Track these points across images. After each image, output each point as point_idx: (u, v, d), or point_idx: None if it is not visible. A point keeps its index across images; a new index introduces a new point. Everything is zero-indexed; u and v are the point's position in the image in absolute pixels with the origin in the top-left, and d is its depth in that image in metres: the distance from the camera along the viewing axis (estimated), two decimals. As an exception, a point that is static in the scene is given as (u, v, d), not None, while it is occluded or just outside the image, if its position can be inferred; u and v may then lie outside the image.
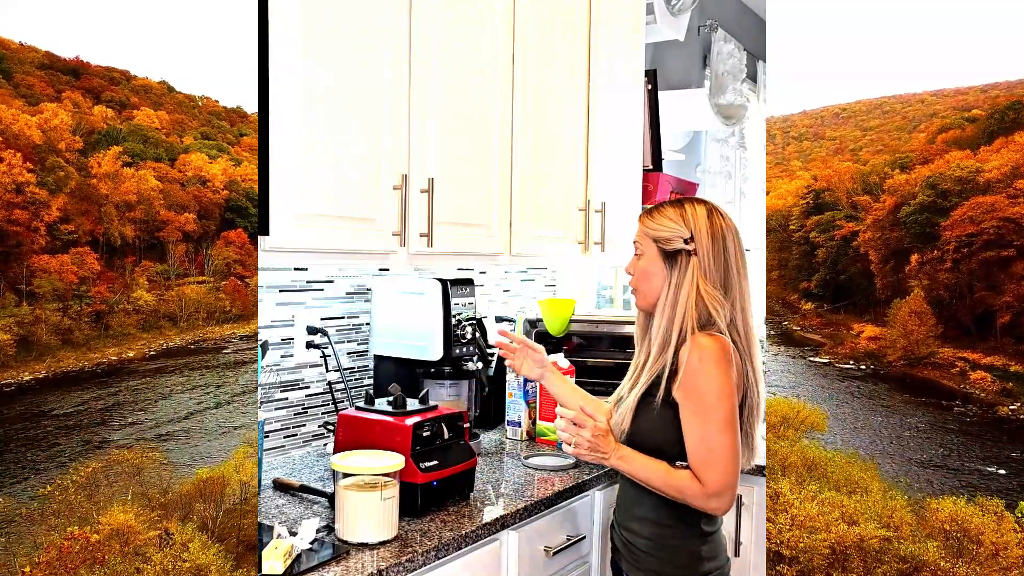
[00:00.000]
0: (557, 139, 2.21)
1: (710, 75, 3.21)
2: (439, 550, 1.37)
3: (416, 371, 1.93)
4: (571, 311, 2.21)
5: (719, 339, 1.32)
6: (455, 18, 1.81)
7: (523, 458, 1.92)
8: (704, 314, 1.34)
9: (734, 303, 1.36)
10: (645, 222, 1.42)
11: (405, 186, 1.66)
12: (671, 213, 1.39)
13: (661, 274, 1.38)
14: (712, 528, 1.42)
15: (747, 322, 1.38)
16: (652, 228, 1.40)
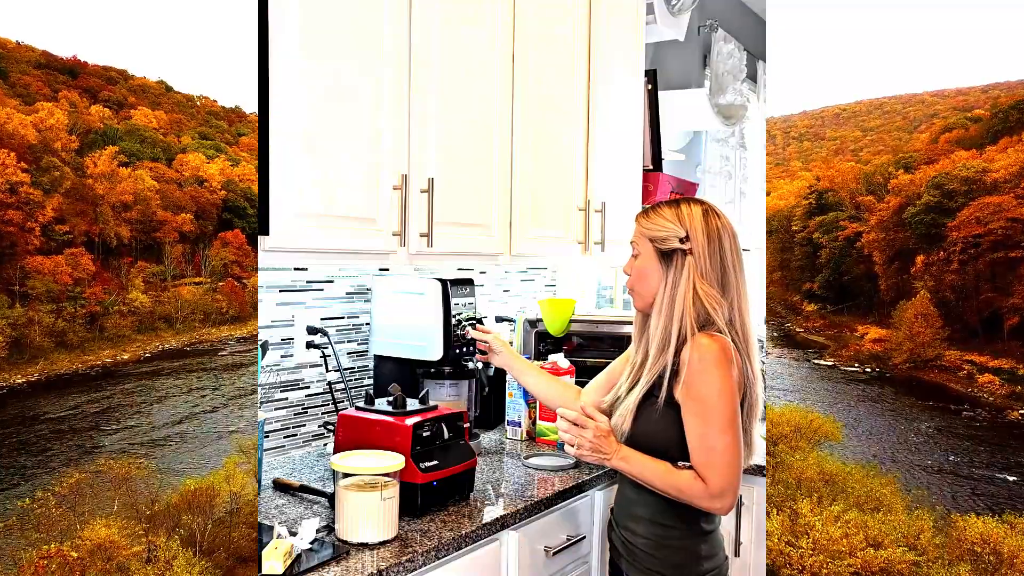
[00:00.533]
0: (557, 139, 2.23)
1: (710, 75, 3.24)
2: (439, 550, 1.39)
3: (416, 371, 1.95)
4: (571, 311, 2.24)
5: (719, 339, 1.34)
6: (455, 17, 1.84)
7: (523, 458, 1.95)
8: (702, 314, 1.36)
9: (732, 302, 1.38)
10: (641, 222, 1.45)
11: (405, 186, 1.68)
12: (667, 213, 1.42)
13: (657, 274, 1.41)
14: (711, 527, 1.45)
15: (745, 321, 1.40)
16: (648, 228, 1.42)
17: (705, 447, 1.33)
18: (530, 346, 2.30)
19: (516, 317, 2.38)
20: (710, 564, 1.43)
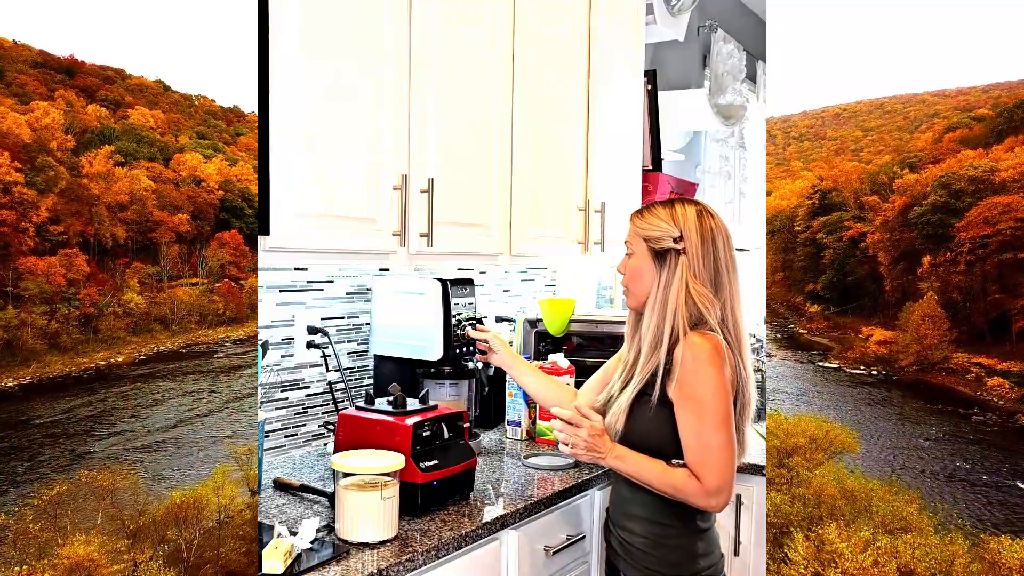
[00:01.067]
0: (557, 139, 2.26)
1: (710, 75, 3.27)
2: (439, 550, 1.42)
3: (416, 371, 1.98)
4: (571, 311, 2.26)
5: (712, 338, 1.37)
6: (455, 17, 1.87)
7: (523, 458, 1.97)
8: (695, 313, 1.39)
9: (724, 302, 1.41)
10: (636, 222, 1.48)
11: (405, 186, 1.71)
12: (661, 213, 1.45)
13: (651, 273, 1.44)
14: (707, 524, 1.47)
15: (737, 321, 1.43)
16: (642, 227, 1.45)
17: (700, 445, 1.36)
18: (530, 346, 2.32)
19: (516, 317, 2.40)
20: (706, 562, 1.45)
